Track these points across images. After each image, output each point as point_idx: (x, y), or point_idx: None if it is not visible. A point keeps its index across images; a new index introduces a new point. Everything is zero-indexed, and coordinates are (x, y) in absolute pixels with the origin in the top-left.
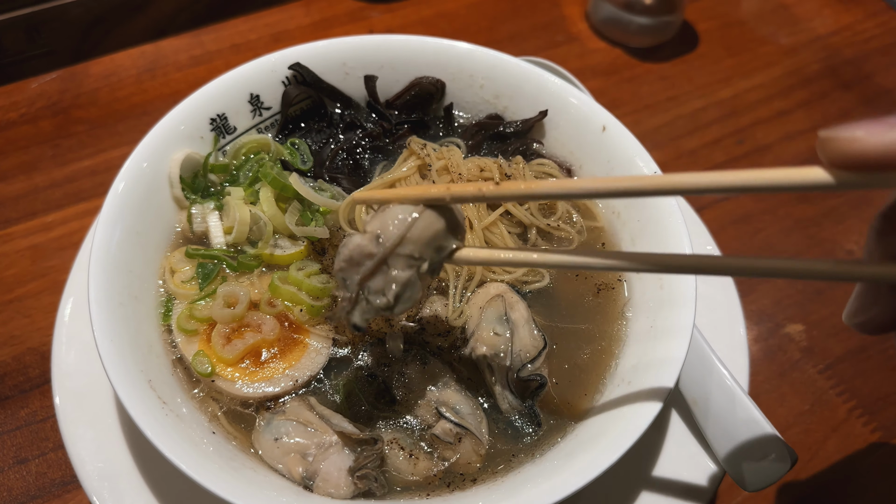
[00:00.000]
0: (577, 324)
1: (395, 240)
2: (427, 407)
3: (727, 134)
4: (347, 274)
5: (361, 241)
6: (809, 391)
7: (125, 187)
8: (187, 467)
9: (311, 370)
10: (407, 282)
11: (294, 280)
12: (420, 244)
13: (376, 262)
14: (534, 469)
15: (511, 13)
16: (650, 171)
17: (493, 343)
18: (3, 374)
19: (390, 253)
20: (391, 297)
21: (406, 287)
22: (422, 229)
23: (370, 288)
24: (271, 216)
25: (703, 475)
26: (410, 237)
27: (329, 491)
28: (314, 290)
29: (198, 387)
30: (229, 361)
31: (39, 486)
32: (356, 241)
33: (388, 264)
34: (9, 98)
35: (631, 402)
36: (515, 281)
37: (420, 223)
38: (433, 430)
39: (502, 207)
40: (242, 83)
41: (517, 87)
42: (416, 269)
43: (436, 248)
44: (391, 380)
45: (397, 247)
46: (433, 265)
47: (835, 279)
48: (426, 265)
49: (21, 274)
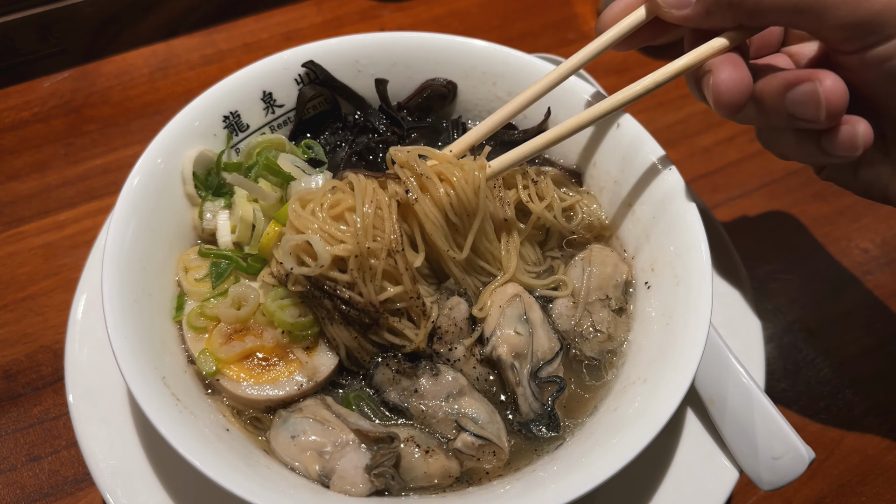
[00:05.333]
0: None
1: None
2: (445, 421)
3: (741, 131)
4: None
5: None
6: (825, 389)
7: (139, 183)
8: (202, 464)
9: (316, 380)
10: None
11: (267, 310)
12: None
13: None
14: (550, 466)
15: (523, 11)
16: (665, 169)
17: (515, 343)
18: (16, 372)
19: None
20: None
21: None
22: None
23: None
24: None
25: (719, 473)
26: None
27: (346, 488)
28: (284, 324)
29: (211, 385)
30: (224, 361)
31: (52, 483)
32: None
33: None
34: (21, 97)
35: (647, 400)
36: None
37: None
38: (455, 445)
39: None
40: (255, 81)
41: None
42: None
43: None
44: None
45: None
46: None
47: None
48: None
49: (34, 272)
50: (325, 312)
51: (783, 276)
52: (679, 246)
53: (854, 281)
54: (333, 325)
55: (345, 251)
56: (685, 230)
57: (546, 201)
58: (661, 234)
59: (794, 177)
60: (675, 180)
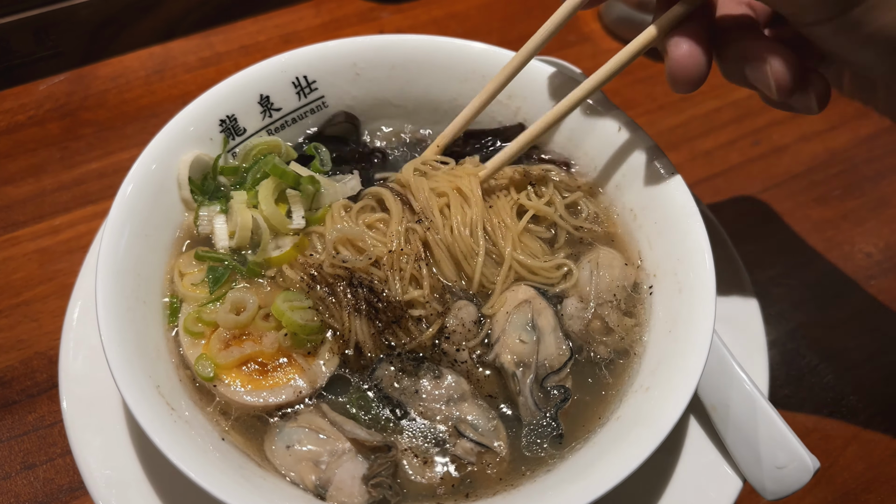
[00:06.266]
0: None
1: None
2: (444, 424)
3: (743, 135)
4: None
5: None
6: (829, 396)
7: (134, 189)
8: (196, 475)
9: (317, 383)
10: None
11: (277, 311)
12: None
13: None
14: (551, 477)
15: (523, 14)
16: (667, 173)
17: (518, 351)
18: (10, 379)
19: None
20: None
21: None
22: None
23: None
24: (269, 215)
25: (722, 482)
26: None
27: (342, 499)
28: (293, 325)
29: (206, 394)
30: (223, 367)
31: (47, 492)
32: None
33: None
34: (17, 100)
35: (651, 409)
36: (542, 284)
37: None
38: (453, 451)
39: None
40: (252, 84)
41: (531, 88)
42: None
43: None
44: (405, 397)
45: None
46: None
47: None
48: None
49: (28, 277)
50: (350, 306)
51: (786, 280)
52: (682, 252)
53: (857, 286)
54: (354, 318)
55: (382, 252)
56: (688, 236)
57: (545, 198)
58: (663, 240)
59: (796, 180)
60: (677, 184)
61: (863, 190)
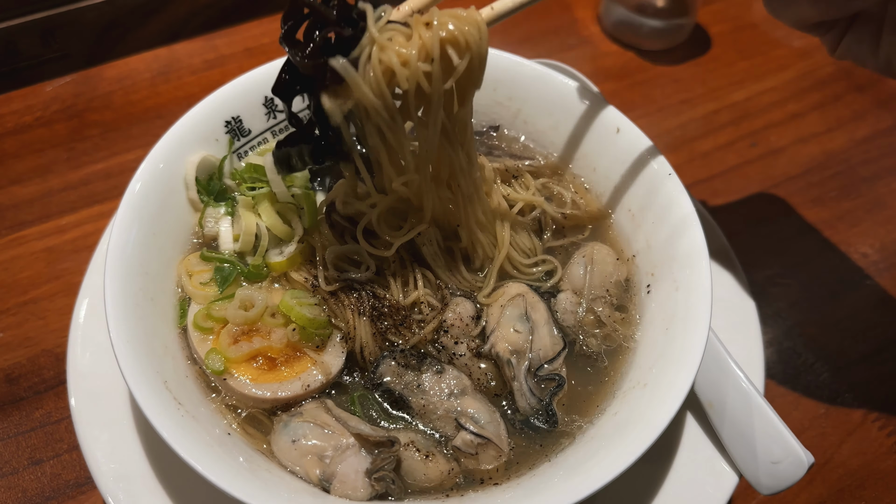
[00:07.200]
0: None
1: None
2: (446, 418)
3: (740, 136)
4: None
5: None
6: (824, 394)
7: (142, 188)
8: (203, 468)
9: (324, 378)
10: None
11: (285, 306)
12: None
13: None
14: (550, 470)
15: (523, 17)
16: (665, 174)
17: (513, 340)
18: (18, 376)
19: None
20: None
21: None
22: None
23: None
24: (271, 225)
25: (719, 478)
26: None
27: (346, 493)
28: (302, 319)
29: (214, 389)
30: (232, 361)
31: (54, 487)
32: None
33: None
34: (24, 101)
35: (647, 405)
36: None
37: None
38: (454, 443)
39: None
40: (257, 86)
41: (531, 90)
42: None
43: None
44: (408, 391)
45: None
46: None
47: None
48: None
49: (35, 276)
50: (354, 307)
51: (782, 280)
52: (679, 251)
53: (853, 286)
54: (359, 318)
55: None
56: (685, 236)
57: (531, 190)
58: (660, 240)
59: (793, 182)
60: (675, 185)
61: (859, 191)
